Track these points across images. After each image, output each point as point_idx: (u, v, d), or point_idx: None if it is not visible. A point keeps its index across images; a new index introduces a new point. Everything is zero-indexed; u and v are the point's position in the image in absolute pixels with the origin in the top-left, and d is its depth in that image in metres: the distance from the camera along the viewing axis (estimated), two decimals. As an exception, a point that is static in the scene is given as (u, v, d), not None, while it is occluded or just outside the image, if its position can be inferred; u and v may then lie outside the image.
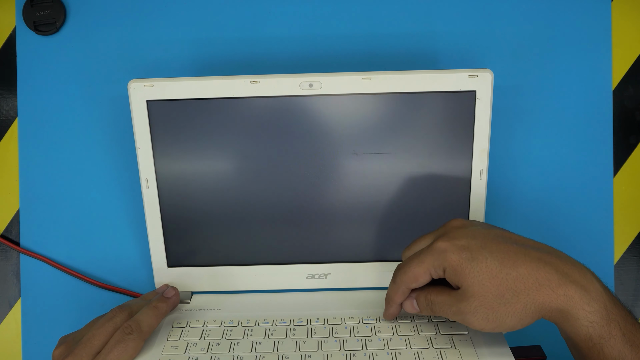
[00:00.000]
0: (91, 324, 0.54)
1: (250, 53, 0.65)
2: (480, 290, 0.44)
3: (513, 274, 0.44)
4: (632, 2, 0.65)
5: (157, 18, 0.65)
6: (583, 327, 0.43)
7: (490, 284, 0.44)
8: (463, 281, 0.45)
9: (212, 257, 0.61)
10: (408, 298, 0.51)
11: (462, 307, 0.45)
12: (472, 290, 0.45)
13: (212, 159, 0.58)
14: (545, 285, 0.43)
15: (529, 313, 0.44)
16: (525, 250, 0.45)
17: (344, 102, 0.57)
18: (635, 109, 0.66)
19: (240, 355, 0.52)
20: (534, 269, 0.44)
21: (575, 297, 0.43)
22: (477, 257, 0.45)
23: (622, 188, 0.66)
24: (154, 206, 0.59)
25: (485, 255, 0.45)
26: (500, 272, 0.44)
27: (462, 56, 0.65)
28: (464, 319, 0.46)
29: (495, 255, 0.45)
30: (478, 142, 0.57)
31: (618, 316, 0.43)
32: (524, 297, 0.44)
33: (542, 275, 0.43)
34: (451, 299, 0.47)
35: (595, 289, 0.43)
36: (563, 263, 0.45)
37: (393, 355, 0.51)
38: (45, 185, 0.66)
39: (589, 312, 0.42)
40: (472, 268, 0.45)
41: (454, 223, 0.50)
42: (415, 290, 0.50)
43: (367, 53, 0.65)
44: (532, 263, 0.44)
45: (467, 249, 0.46)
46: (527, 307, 0.44)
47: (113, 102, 0.65)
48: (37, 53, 0.65)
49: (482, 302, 0.44)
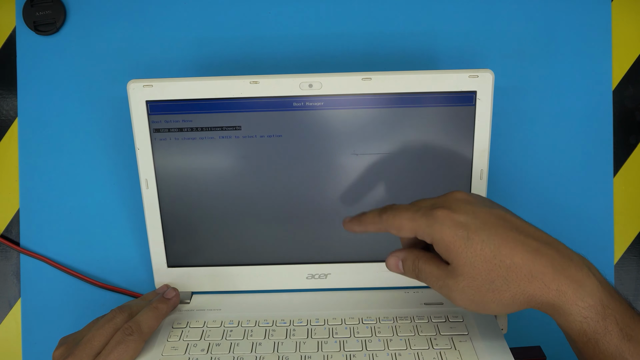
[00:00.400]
0: (91, 325, 0.54)
1: (250, 53, 0.65)
2: (471, 271, 0.43)
3: (507, 262, 0.43)
4: (632, 2, 0.65)
5: (157, 18, 0.65)
6: (576, 323, 0.42)
7: (482, 268, 0.43)
8: (454, 259, 0.44)
9: (212, 257, 0.61)
10: (393, 257, 0.49)
11: (450, 283, 0.44)
12: (463, 270, 0.43)
13: (212, 159, 0.58)
14: (538, 278, 0.42)
15: (517, 303, 0.43)
16: (524, 239, 0.44)
17: (344, 103, 0.57)
18: (635, 109, 0.66)
19: (240, 356, 0.52)
20: (530, 260, 0.42)
21: (568, 293, 0.42)
22: (473, 238, 0.43)
23: (622, 188, 0.66)
24: (154, 206, 0.59)
25: (482, 238, 0.43)
26: (495, 258, 0.43)
27: (462, 56, 0.65)
28: (449, 295, 0.45)
29: (493, 239, 0.43)
30: (478, 143, 0.57)
31: (615, 311, 0.42)
32: (515, 287, 0.43)
33: (537, 267, 0.42)
34: (440, 272, 0.45)
35: (591, 283, 0.42)
36: (561, 256, 0.43)
37: (393, 356, 0.51)
38: (45, 185, 0.66)
39: (582, 307, 0.42)
40: (466, 248, 0.43)
41: (457, 195, 0.47)
42: (402, 251, 0.49)
43: (367, 53, 0.65)
44: (528, 254, 0.43)
45: (465, 227, 0.44)
46: (516, 297, 0.43)
47: (113, 102, 0.65)
48: (37, 53, 0.65)
49: (471, 283, 0.43)
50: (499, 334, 0.54)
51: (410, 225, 0.45)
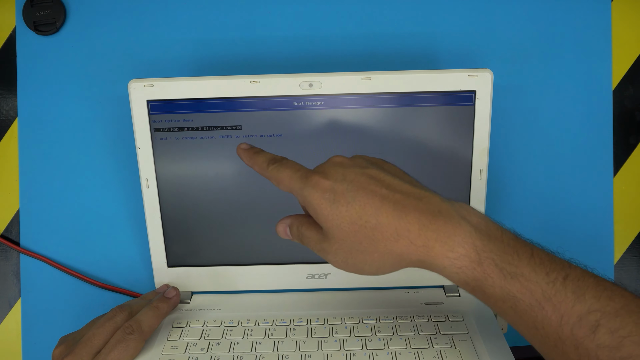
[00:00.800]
0: (91, 324, 0.54)
1: (250, 53, 0.65)
2: (339, 234, 0.42)
3: (372, 222, 0.41)
4: (632, 2, 0.65)
5: (157, 18, 0.65)
6: (454, 275, 0.41)
7: (349, 229, 0.42)
8: (323, 222, 0.43)
9: (212, 257, 0.61)
10: (281, 223, 0.48)
11: (325, 246, 0.44)
12: (332, 232, 0.43)
13: (212, 158, 0.58)
14: (403, 236, 0.41)
15: (388, 263, 0.42)
16: (393, 196, 0.42)
17: (343, 102, 0.57)
18: (635, 109, 0.66)
19: (240, 354, 0.52)
20: (395, 217, 0.41)
21: (435, 247, 0.40)
22: (338, 200, 0.42)
23: (622, 188, 0.66)
24: (154, 206, 0.59)
25: (347, 200, 0.42)
26: (360, 219, 0.41)
27: (462, 56, 0.65)
28: (327, 258, 0.45)
29: (359, 200, 0.42)
30: (478, 142, 0.57)
31: (493, 253, 0.40)
32: (382, 247, 0.41)
33: (403, 225, 0.41)
34: (317, 236, 0.45)
35: (462, 232, 0.40)
36: (430, 210, 0.41)
37: (393, 355, 0.51)
38: (45, 185, 0.66)
39: (453, 258, 0.40)
40: (332, 210, 0.42)
41: (334, 159, 0.46)
42: (289, 217, 0.48)
43: (367, 53, 0.65)
44: (394, 212, 0.41)
45: (332, 191, 0.43)
46: (385, 257, 0.42)
47: (113, 102, 0.65)
48: (37, 53, 0.65)
49: (341, 245, 0.43)
50: (499, 334, 0.54)
51: (287, 183, 0.45)
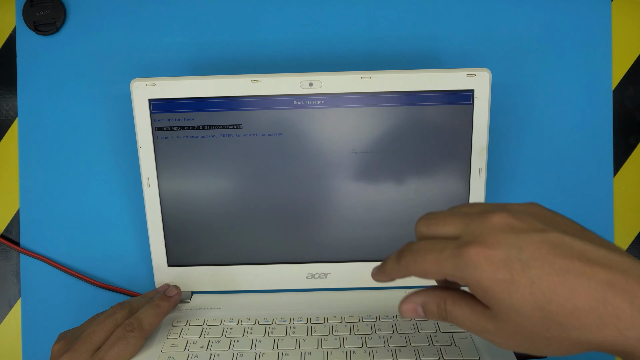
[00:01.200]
0: (91, 320, 0.54)
1: (250, 54, 0.65)
2: (518, 319, 0.33)
3: (568, 306, 0.32)
4: (632, 2, 0.65)
5: (157, 18, 0.65)
6: None
7: (533, 316, 0.33)
8: (495, 305, 0.34)
9: (213, 257, 0.61)
10: (409, 302, 0.39)
11: (490, 328, 0.35)
12: (507, 316, 0.34)
13: (213, 157, 0.58)
14: (611, 325, 0.31)
15: (577, 350, 0.34)
16: (590, 270, 0.32)
17: (343, 101, 0.57)
18: (635, 109, 0.66)
19: (239, 352, 0.52)
20: (599, 301, 0.32)
21: None
22: (518, 280, 0.33)
23: (622, 188, 0.66)
24: (155, 205, 0.59)
25: (530, 279, 0.32)
26: (549, 304, 0.32)
27: (462, 57, 0.65)
28: (490, 339, 0.36)
29: (546, 279, 0.32)
30: (477, 141, 0.57)
31: None
32: (576, 334, 0.32)
33: (610, 310, 0.31)
34: (476, 316, 0.36)
35: None
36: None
37: (393, 353, 0.51)
38: (45, 185, 0.66)
39: None
40: (510, 294, 0.33)
41: (495, 220, 0.35)
42: (420, 294, 0.39)
43: (367, 54, 0.65)
44: (597, 292, 0.32)
45: (506, 267, 0.33)
46: (577, 345, 0.33)
47: (112, 102, 0.65)
48: (37, 53, 0.66)
49: (517, 330, 0.34)
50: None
51: (436, 269, 0.36)
